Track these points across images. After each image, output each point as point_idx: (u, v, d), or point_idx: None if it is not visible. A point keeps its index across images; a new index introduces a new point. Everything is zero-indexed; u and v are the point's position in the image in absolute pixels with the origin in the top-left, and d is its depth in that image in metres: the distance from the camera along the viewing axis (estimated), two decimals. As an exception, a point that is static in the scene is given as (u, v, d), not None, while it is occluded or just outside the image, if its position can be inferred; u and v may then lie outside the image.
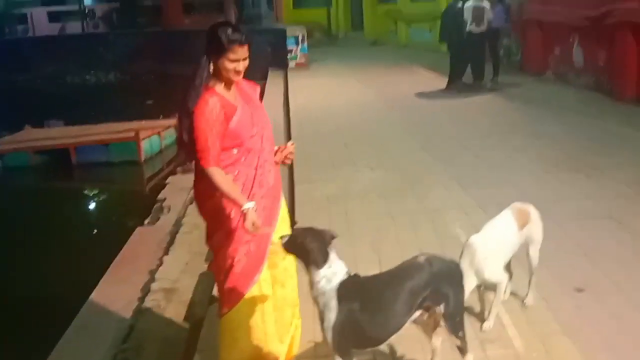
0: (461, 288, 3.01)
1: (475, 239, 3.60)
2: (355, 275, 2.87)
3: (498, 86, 12.31)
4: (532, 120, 9.22)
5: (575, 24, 11.30)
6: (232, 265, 3.24)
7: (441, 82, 12.90)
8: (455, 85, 12.28)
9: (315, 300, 2.85)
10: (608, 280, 4.09)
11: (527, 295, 3.88)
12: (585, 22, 10.84)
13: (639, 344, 3.34)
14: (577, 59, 11.64)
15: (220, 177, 3.05)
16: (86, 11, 34.19)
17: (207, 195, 3.22)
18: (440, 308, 2.90)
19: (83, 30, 32.62)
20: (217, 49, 3.05)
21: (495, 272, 3.53)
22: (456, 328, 2.95)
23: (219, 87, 3.14)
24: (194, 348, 3.96)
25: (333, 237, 2.86)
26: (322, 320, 2.82)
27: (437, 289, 2.86)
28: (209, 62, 3.10)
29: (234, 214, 3.14)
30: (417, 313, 2.91)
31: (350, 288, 2.77)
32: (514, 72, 13.80)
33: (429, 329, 3.09)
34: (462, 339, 2.99)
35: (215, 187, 3.06)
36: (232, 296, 3.32)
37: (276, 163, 3.39)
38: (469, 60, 12.26)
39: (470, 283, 3.43)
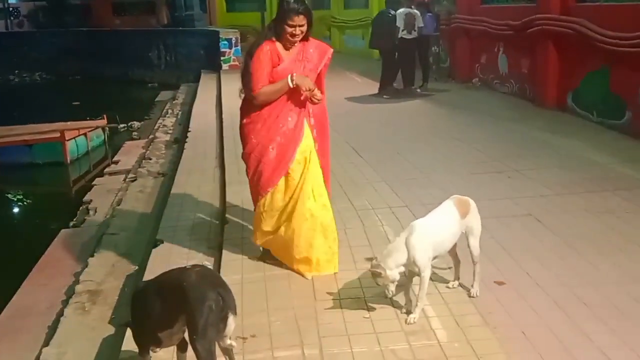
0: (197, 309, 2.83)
1: (418, 221, 3.75)
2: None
3: (427, 92, 12.62)
4: (458, 125, 9.50)
5: (500, 33, 11.75)
6: (259, 167, 4.36)
7: (373, 87, 13.09)
8: (387, 90, 12.50)
9: None
10: (527, 275, 4.26)
11: (472, 285, 4.00)
12: (509, 31, 11.29)
13: (553, 336, 3.49)
14: (502, 67, 12.10)
15: (265, 89, 4.23)
16: (10, 9, 32.85)
17: (244, 115, 4.52)
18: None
19: (7, 29, 31.40)
20: (279, 14, 4.14)
21: (424, 257, 3.61)
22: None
23: (278, 42, 4.21)
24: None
25: None
26: None
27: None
28: (275, 24, 4.19)
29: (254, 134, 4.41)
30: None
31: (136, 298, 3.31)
32: (442, 79, 14.16)
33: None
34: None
35: (255, 108, 4.37)
36: (261, 190, 4.37)
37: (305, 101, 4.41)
38: (400, 66, 12.52)
39: (400, 259, 3.58)
